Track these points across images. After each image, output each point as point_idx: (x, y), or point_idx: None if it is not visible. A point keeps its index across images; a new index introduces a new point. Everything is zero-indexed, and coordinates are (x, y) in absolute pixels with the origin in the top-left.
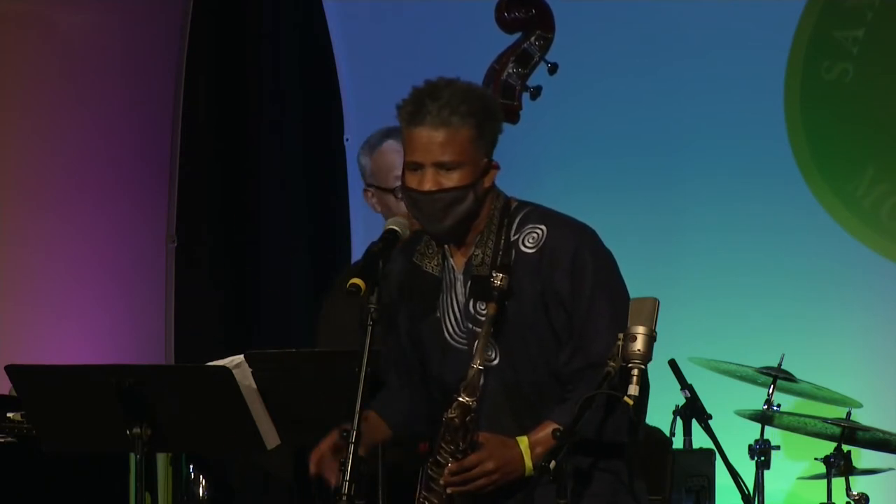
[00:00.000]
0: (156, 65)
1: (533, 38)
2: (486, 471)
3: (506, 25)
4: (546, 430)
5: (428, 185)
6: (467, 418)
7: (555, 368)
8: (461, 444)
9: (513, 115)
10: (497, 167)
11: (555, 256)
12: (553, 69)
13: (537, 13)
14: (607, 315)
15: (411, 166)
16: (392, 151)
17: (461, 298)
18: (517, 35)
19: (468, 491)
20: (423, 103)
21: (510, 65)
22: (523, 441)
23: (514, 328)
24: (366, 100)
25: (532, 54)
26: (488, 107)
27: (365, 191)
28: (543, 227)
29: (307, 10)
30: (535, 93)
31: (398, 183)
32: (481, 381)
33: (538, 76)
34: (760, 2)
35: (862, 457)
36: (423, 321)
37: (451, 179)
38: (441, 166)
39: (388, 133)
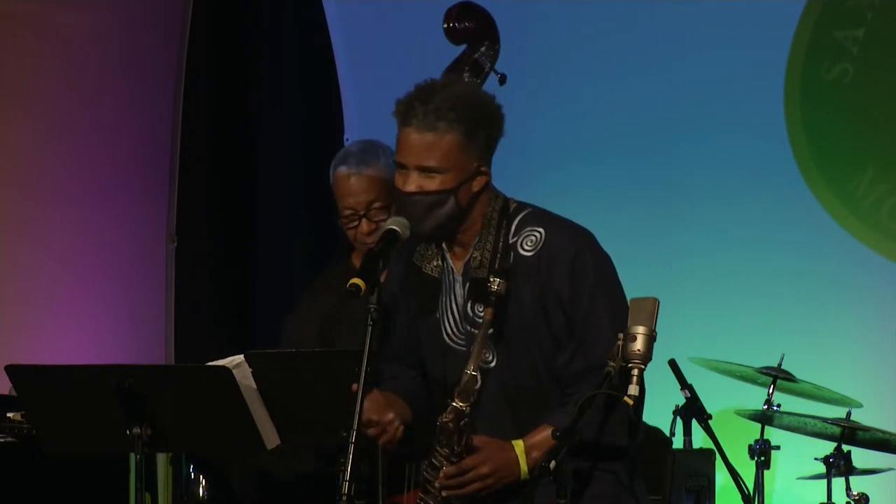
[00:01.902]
0: (155, 65)
1: (483, 49)
2: (480, 474)
3: (455, 36)
4: (542, 434)
5: (409, 187)
6: (461, 423)
7: (554, 371)
8: (456, 447)
9: None
10: (487, 174)
11: (554, 259)
12: (503, 80)
13: (486, 24)
14: (607, 317)
15: (399, 165)
16: (339, 178)
17: (460, 300)
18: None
19: (463, 494)
20: (412, 105)
21: (465, 75)
22: (519, 445)
23: (512, 331)
24: (366, 100)
25: (483, 64)
26: (484, 113)
27: None
28: (542, 229)
29: (307, 10)
30: None
31: (347, 212)
32: (477, 385)
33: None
34: (760, 2)
35: (862, 457)
36: (423, 322)
37: (433, 183)
38: (424, 170)
39: (344, 158)
